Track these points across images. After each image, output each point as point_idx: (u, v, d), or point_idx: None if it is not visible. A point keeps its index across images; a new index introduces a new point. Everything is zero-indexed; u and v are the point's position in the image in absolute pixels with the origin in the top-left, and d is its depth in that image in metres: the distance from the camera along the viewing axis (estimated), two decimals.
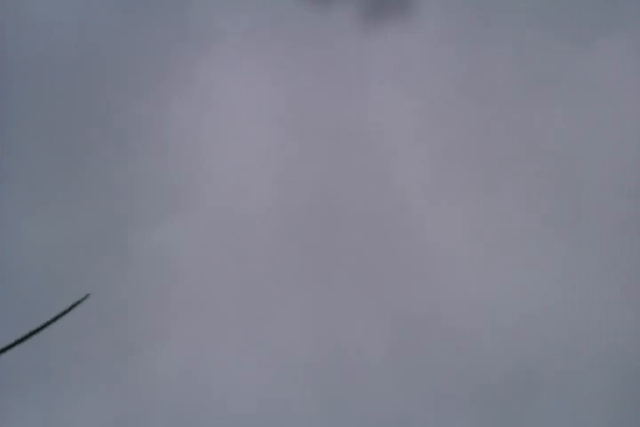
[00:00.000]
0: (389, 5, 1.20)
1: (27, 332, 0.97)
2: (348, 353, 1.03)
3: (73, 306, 0.60)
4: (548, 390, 1.00)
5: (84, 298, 0.61)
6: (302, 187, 1.12)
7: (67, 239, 1.08)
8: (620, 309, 1.04)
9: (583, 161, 1.11)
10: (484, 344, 1.03)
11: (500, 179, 1.11)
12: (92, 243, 1.08)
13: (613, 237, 1.07)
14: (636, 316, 1.03)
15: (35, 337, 0.97)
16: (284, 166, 1.13)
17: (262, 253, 1.09)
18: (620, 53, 1.15)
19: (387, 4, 1.19)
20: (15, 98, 1.16)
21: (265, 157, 1.14)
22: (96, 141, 1.14)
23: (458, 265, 1.07)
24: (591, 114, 1.14)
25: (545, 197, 1.10)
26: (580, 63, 1.16)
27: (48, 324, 0.59)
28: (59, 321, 0.97)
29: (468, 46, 1.18)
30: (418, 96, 1.16)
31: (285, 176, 1.13)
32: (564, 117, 1.14)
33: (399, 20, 1.20)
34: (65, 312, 0.59)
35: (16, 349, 0.97)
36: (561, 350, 1.02)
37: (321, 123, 1.16)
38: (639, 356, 1.01)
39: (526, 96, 1.16)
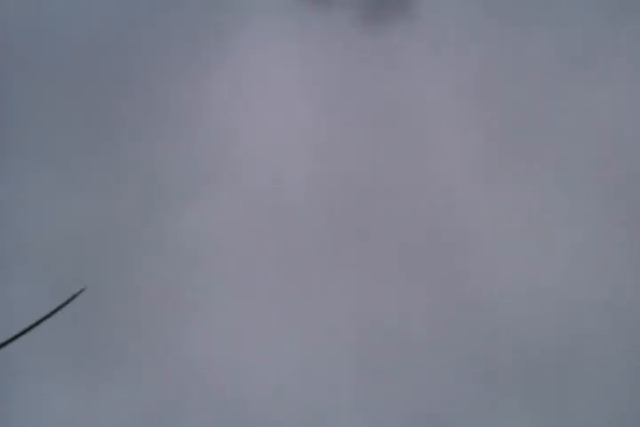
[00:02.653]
0: None
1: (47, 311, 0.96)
2: (390, 331, 1.01)
3: (70, 299, 0.58)
4: (591, 370, 0.99)
5: (79, 292, 0.60)
6: (340, 165, 1.11)
7: (99, 219, 1.07)
8: None
9: (628, 142, 1.11)
10: (529, 323, 1.01)
11: (543, 159, 1.10)
12: (124, 222, 1.07)
13: None
14: None
15: (57, 319, 0.95)
16: (320, 145, 1.12)
17: (300, 231, 1.07)
18: None
19: None
20: (49, 77, 1.16)
21: (301, 135, 1.13)
22: (128, 121, 1.13)
23: (500, 244, 1.06)
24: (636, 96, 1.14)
25: (590, 179, 1.09)
26: (632, 42, 1.16)
27: (45, 318, 0.57)
28: (82, 300, 0.95)
29: (511, 23, 1.18)
30: (457, 74, 1.16)
31: (322, 155, 1.12)
32: (608, 98, 1.14)
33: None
34: (63, 305, 0.58)
35: (42, 327, 0.96)
36: (605, 331, 1.01)
37: (359, 102, 1.15)
38: None
39: (570, 75, 1.15)
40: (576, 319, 1.02)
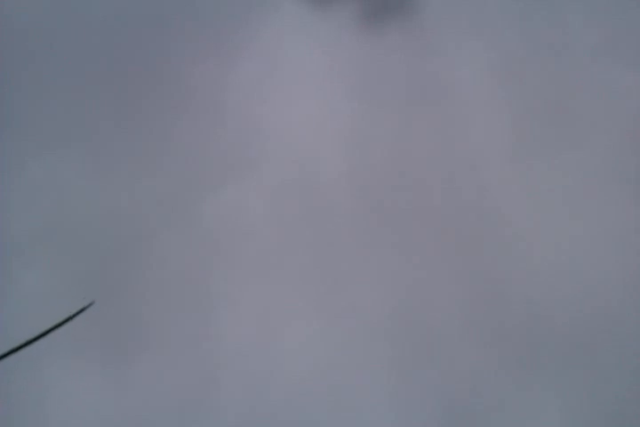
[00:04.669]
0: None
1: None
2: (422, 314, 1.00)
3: (79, 312, 0.58)
4: (621, 351, 0.98)
5: (88, 306, 0.60)
6: (372, 145, 1.10)
7: (132, 201, 1.06)
8: None
9: None
10: (561, 307, 1.00)
11: (573, 138, 1.09)
12: (158, 204, 1.06)
13: None
14: None
15: (96, 305, 0.96)
16: (352, 125, 1.11)
17: (332, 213, 1.06)
18: None
19: None
20: (73, 62, 1.15)
21: (332, 115, 1.12)
22: (155, 107, 1.12)
23: (534, 226, 1.04)
24: None
25: (619, 158, 1.08)
26: None
27: (54, 329, 0.57)
28: (112, 286, 0.94)
29: (543, 2, 1.17)
30: (487, 56, 1.15)
31: (354, 135, 1.10)
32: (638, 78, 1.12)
33: None
34: (71, 317, 0.58)
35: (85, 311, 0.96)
36: (637, 311, 0.99)
37: (391, 83, 1.14)
38: None
39: (600, 54, 1.14)
40: (606, 299, 1.00)
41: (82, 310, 0.59)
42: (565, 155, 1.09)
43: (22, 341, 0.91)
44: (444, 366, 0.97)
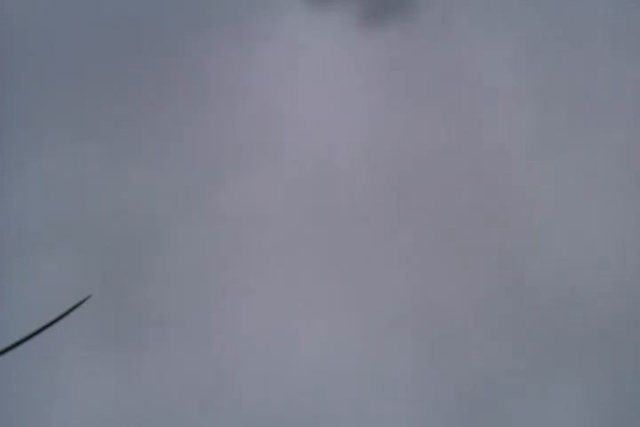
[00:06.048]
0: None
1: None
2: (440, 308, 1.00)
3: (75, 306, 0.59)
4: None
5: (85, 300, 0.61)
6: (392, 136, 1.10)
7: (152, 192, 1.07)
8: None
9: None
10: (580, 299, 1.00)
11: (597, 128, 1.09)
12: (177, 195, 1.06)
13: None
14: None
15: (107, 289, 0.96)
16: (373, 115, 1.11)
17: (352, 205, 1.06)
18: None
19: None
20: (96, 51, 1.15)
21: (353, 105, 1.12)
22: (176, 94, 1.13)
23: (556, 218, 1.04)
24: None
25: None
26: None
27: (51, 324, 0.58)
28: (135, 273, 0.95)
29: None
30: (510, 47, 1.14)
31: (374, 125, 1.10)
32: None
33: None
34: (67, 312, 0.59)
35: (90, 301, 0.96)
36: None
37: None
38: None
39: (623, 45, 1.14)
40: (628, 292, 1.00)
41: (79, 304, 0.60)
42: (589, 147, 1.09)
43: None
44: (463, 360, 0.97)
